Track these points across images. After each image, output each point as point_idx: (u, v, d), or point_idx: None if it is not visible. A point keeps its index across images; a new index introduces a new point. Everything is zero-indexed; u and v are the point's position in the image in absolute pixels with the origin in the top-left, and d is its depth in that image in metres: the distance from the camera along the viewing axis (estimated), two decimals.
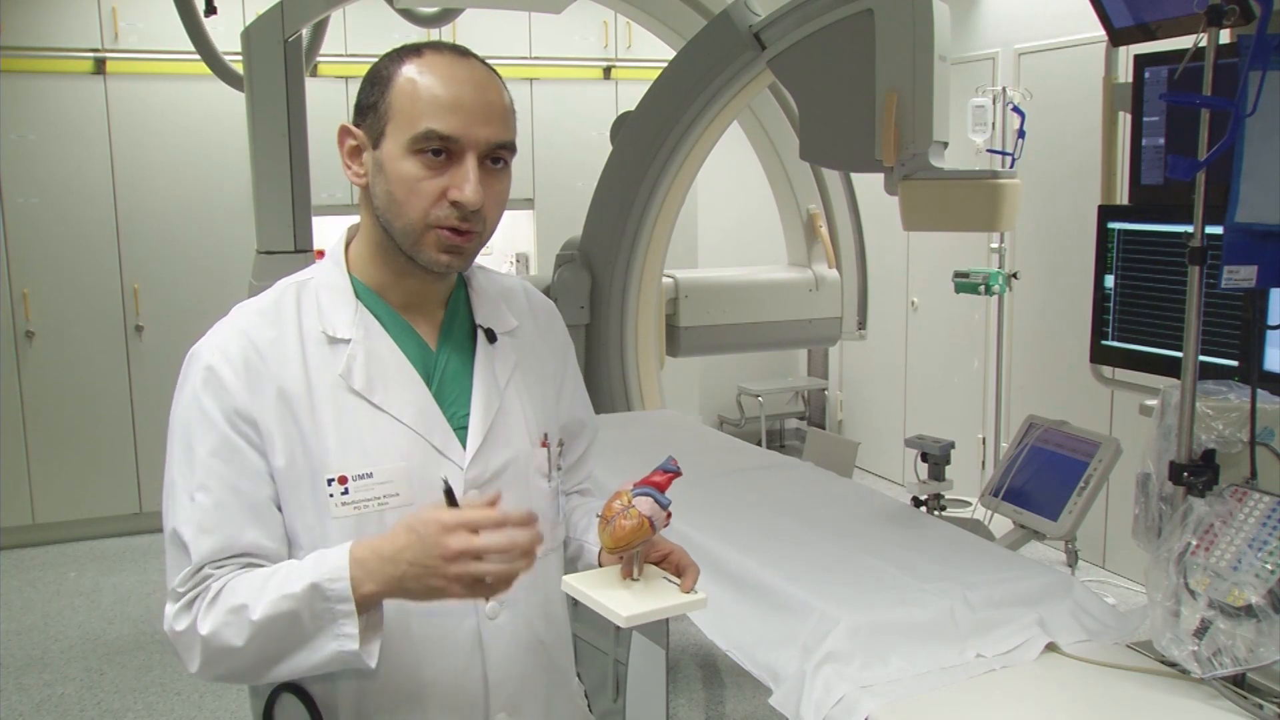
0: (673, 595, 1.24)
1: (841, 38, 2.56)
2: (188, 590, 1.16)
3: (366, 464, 1.20)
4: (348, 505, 1.19)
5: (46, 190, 4.88)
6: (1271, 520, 1.48)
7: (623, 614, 1.19)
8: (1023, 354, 4.94)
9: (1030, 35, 4.78)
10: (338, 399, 1.21)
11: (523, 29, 5.54)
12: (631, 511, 1.21)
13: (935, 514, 2.70)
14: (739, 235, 6.20)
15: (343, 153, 1.24)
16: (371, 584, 1.10)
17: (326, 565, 1.12)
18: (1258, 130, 1.53)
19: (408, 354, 1.26)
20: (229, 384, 1.18)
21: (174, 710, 3.49)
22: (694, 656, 3.67)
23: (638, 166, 3.54)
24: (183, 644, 1.16)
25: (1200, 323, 1.63)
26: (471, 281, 1.36)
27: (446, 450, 1.24)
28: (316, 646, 1.13)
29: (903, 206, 2.42)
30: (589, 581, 1.27)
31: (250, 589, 1.14)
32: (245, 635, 1.12)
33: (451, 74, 1.19)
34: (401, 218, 1.19)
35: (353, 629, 1.11)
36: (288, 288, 1.27)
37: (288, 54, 3.25)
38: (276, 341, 1.21)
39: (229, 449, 1.18)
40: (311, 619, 1.11)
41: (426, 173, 1.17)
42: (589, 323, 3.71)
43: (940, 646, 1.69)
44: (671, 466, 1.26)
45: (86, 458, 5.04)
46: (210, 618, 1.14)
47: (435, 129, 1.16)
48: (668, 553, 1.29)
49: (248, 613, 1.12)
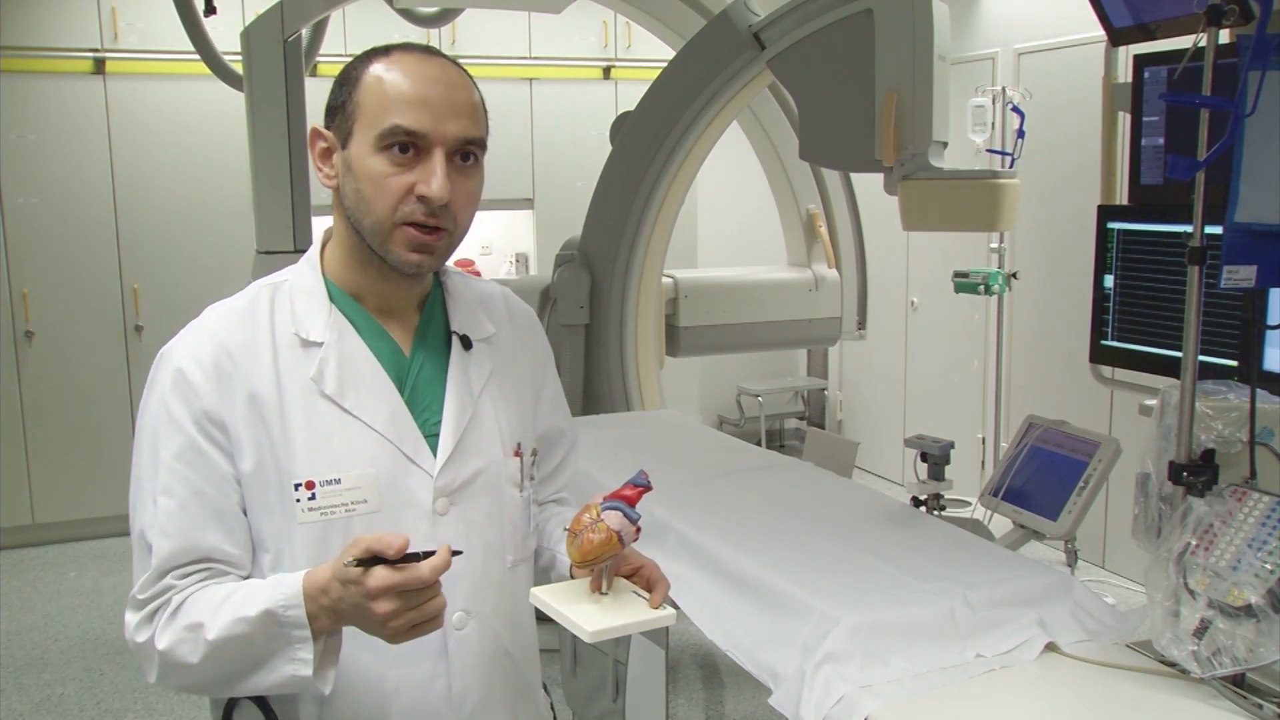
0: (641, 610, 1.22)
1: (841, 38, 2.56)
2: (148, 599, 1.15)
3: (335, 469, 1.19)
4: (314, 511, 1.18)
5: (46, 190, 4.88)
6: (1271, 520, 1.48)
7: (589, 629, 1.18)
8: (1023, 354, 4.94)
9: (1030, 35, 4.78)
10: (308, 403, 1.19)
11: (523, 29, 5.54)
12: (600, 525, 1.20)
13: (935, 514, 2.70)
14: (739, 235, 6.20)
15: (314, 155, 1.24)
16: (325, 619, 1.10)
17: (282, 592, 1.10)
18: (1257, 130, 1.53)
19: (381, 359, 1.24)
20: (198, 386, 1.17)
21: (174, 710, 3.49)
22: (694, 656, 3.67)
23: (638, 166, 3.53)
24: (142, 655, 1.17)
25: (1200, 323, 1.63)
26: (448, 286, 1.34)
27: (416, 458, 1.23)
28: (272, 668, 1.12)
29: (902, 206, 2.42)
30: (557, 595, 1.25)
31: (208, 607, 1.13)
32: (200, 654, 1.12)
33: (418, 71, 1.18)
34: (370, 215, 1.18)
35: (307, 654, 1.10)
36: (262, 289, 1.26)
37: (287, 54, 3.25)
38: (248, 343, 1.20)
39: (194, 453, 1.17)
40: (266, 643, 1.11)
41: (393, 169, 1.16)
42: (589, 323, 3.71)
43: (940, 646, 1.69)
44: (642, 481, 1.25)
45: (86, 458, 5.04)
46: (168, 633, 1.13)
47: (401, 124, 1.15)
48: (639, 567, 1.28)
49: (203, 631, 1.11)
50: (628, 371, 3.72)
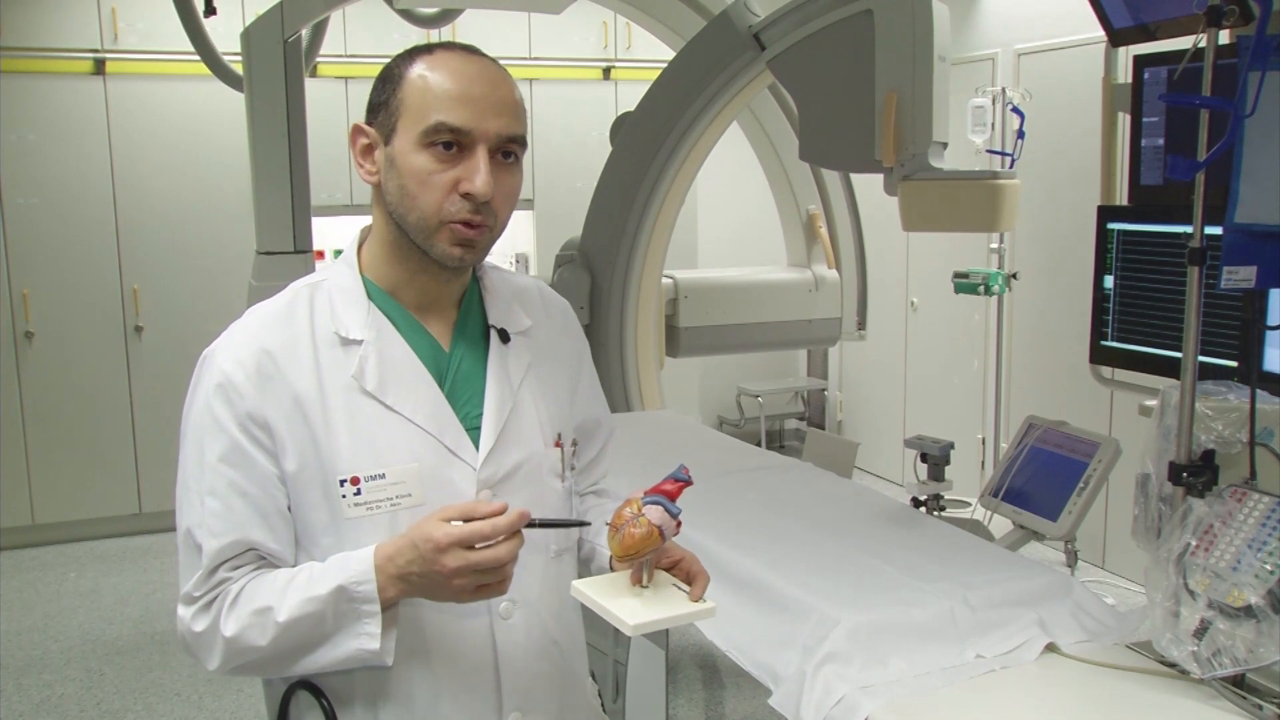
0: (681, 604, 1.23)
1: (841, 38, 2.55)
2: (204, 594, 1.19)
3: (379, 465, 1.21)
4: (360, 506, 1.20)
5: (46, 190, 4.88)
6: (1271, 520, 1.48)
7: (630, 622, 1.18)
8: (1022, 354, 4.94)
9: (1030, 35, 4.78)
10: (350, 400, 1.22)
11: (522, 29, 5.54)
12: (641, 520, 1.21)
13: (935, 514, 2.70)
14: (739, 235, 6.20)
15: (355, 151, 1.25)
16: (392, 589, 1.15)
17: (352, 569, 1.15)
18: (1257, 130, 1.53)
19: (420, 354, 1.26)
20: (241, 388, 1.19)
21: (174, 710, 3.49)
22: (694, 656, 3.67)
23: (638, 166, 3.53)
24: (202, 644, 1.20)
25: (1200, 323, 1.63)
26: (485, 281, 1.36)
27: (459, 451, 1.25)
28: (337, 643, 1.17)
29: (902, 207, 2.42)
30: (598, 588, 1.26)
31: (273, 591, 1.17)
32: (270, 636, 1.16)
33: (462, 69, 1.21)
34: (414, 211, 1.20)
35: (375, 629, 1.15)
36: (300, 290, 1.28)
37: (287, 54, 3.25)
38: (289, 344, 1.22)
39: (238, 454, 1.19)
40: (335, 619, 1.15)
41: (438, 165, 1.18)
42: (589, 323, 3.71)
43: (940, 647, 1.69)
44: (683, 475, 1.25)
45: (86, 458, 5.04)
46: (233, 619, 1.17)
47: (446, 121, 1.17)
48: (679, 559, 1.29)
49: (273, 614, 1.15)
50: (628, 372, 3.72)
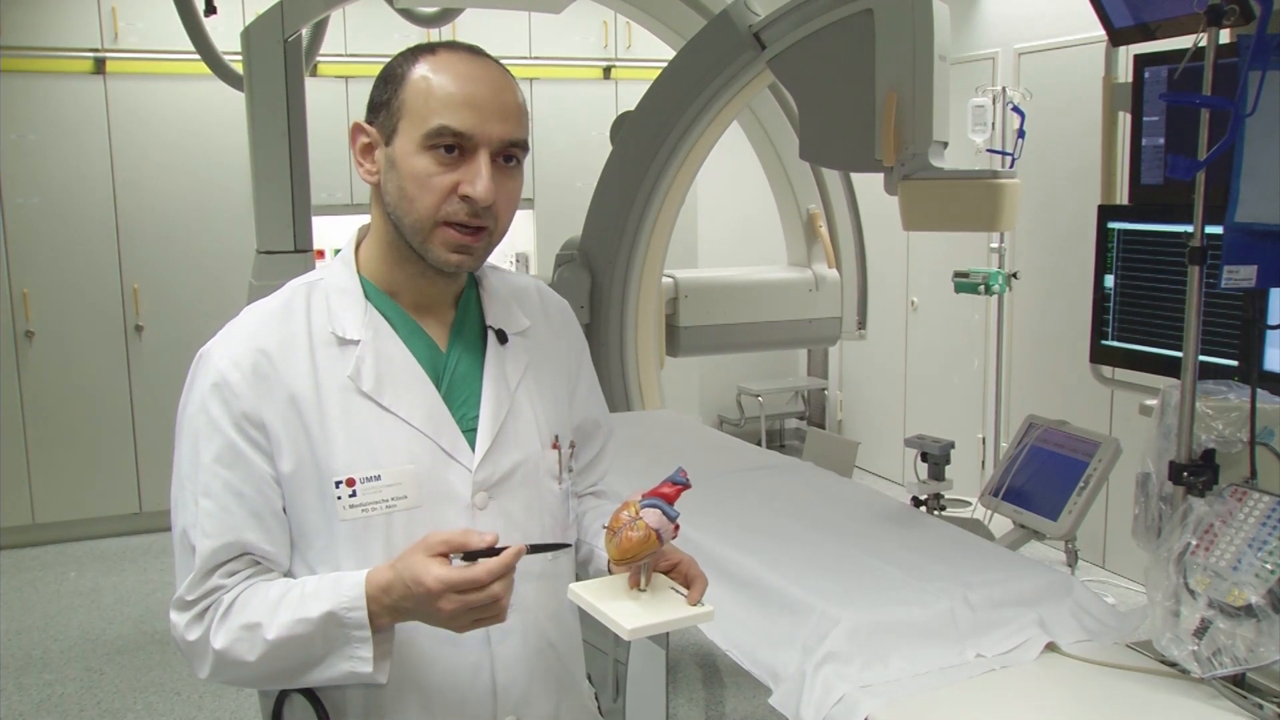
0: (679, 607, 1.23)
1: (841, 38, 2.55)
2: (197, 600, 1.18)
3: (375, 466, 1.20)
4: (355, 508, 1.20)
5: (46, 190, 4.88)
6: (1271, 520, 1.48)
7: (627, 626, 1.18)
8: (1023, 354, 4.94)
9: (1030, 35, 4.78)
10: (346, 400, 1.21)
11: (523, 29, 5.54)
12: (639, 523, 1.20)
13: (935, 514, 2.70)
14: (739, 235, 6.20)
15: (354, 150, 1.24)
16: (386, 617, 1.14)
17: (344, 594, 1.14)
18: (1258, 130, 1.53)
19: (417, 355, 1.25)
20: (236, 388, 1.18)
21: (174, 710, 3.49)
22: (694, 656, 3.67)
23: (638, 166, 3.53)
24: (194, 653, 1.19)
25: (1200, 323, 1.63)
26: (483, 282, 1.35)
27: (455, 452, 1.24)
28: (329, 665, 1.16)
29: (903, 206, 2.42)
30: (595, 591, 1.25)
31: (264, 606, 1.15)
32: (258, 653, 1.15)
33: (466, 72, 1.19)
34: (412, 213, 1.19)
35: (367, 653, 1.14)
36: (298, 289, 1.27)
37: (287, 54, 3.25)
38: (285, 343, 1.21)
39: (233, 454, 1.18)
40: (325, 643, 1.14)
41: (439, 168, 1.17)
42: (589, 322, 3.71)
43: (940, 646, 1.69)
44: (681, 479, 1.25)
45: (86, 458, 5.04)
46: (223, 632, 1.16)
47: (448, 125, 1.16)
48: (677, 562, 1.28)
49: (261, 631, 1.14)
50: (628, 371, 3.72)
